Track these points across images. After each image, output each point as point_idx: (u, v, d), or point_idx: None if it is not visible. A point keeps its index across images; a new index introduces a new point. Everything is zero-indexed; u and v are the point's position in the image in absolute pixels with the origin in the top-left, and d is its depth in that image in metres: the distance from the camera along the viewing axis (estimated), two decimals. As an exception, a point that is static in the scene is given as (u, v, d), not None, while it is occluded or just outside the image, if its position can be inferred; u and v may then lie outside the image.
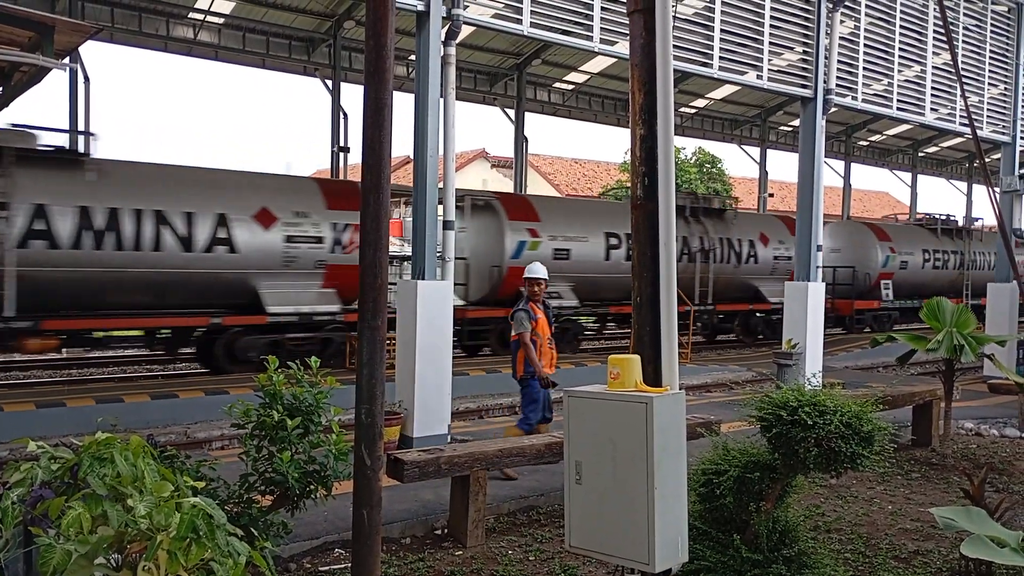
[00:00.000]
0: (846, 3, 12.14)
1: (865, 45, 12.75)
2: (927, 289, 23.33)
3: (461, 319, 15.02)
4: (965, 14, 13.86)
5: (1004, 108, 14.87)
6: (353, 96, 21.10)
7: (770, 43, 11.54)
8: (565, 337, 16.11)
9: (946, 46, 13.45)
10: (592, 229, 16.86)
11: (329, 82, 17.98)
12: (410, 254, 18.77)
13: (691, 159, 33.80)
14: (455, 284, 17.81)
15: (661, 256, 3.80)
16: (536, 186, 32.69)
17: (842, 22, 12.29)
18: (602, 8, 9.73)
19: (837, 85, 12.21)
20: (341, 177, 18.55)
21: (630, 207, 4.02)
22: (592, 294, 16.84)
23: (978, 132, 13.86)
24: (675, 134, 3.83)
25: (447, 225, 8.97)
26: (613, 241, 17.09)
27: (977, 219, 25.66)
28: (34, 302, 11.01)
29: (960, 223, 25.42)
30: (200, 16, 16.26)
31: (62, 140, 13.77)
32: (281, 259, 12.97)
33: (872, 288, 22.40)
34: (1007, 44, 14.75)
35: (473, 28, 10.94)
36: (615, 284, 16.77)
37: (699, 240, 18.54)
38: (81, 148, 12.65)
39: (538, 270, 7.80)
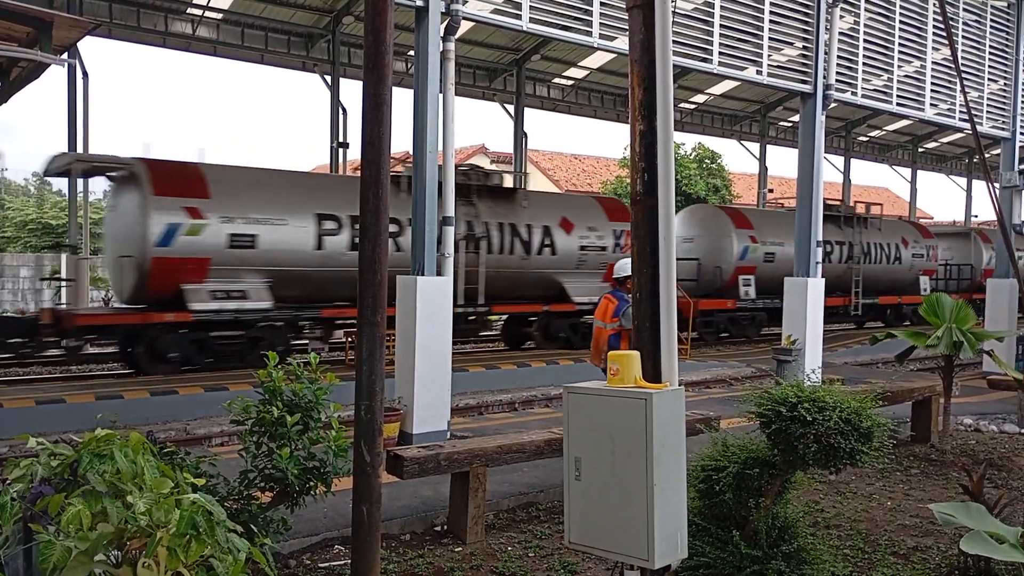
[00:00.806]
0: (846, -2, 12.13)
1: (865, 40, 12.73)
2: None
3: (69, 328, 12.24)
4: (965, 9, 13.84)
5: (1004, 104, 14.86)
6: (352, 92, 21.15)
7: (770, 39, 11.52)
8: (257, 348, 12.58)
9: (946, 41, 13.43)
10: (295, 209, 13.12)
11: (328, 78, 17.98)
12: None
13: (691, 155, 33.78)
14: (66, 280, 15.91)
15: (661, 251, 3.80)
16: (536, 182, 32.68)
17: (842, 17, 12.27)
18: (601, 3, 9.71)
19: (837, 80, 12.19)
20: (341, 173, 18.50)
21: (630, 202, 4.02)
22: (301, 294, 13.29)
23: (978, 128, 13.82)
24: (675, 130, 3.82)
25: (446, 221, 8.97)
26: (329, 225, 13.35)
27: (874, 204, 22.61)
28: None
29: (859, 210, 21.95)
30: (198, 11, 16.24)
31: None
32: None
33: (727, 285, 19.19)
34: (1007, 39, 14.73)
35: (472, 23, 10.90)
36: (334, 280, 13.23)
37: (465, 225, 14.66)
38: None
39: (629, 267, 7.97)
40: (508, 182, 16.88)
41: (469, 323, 15.76)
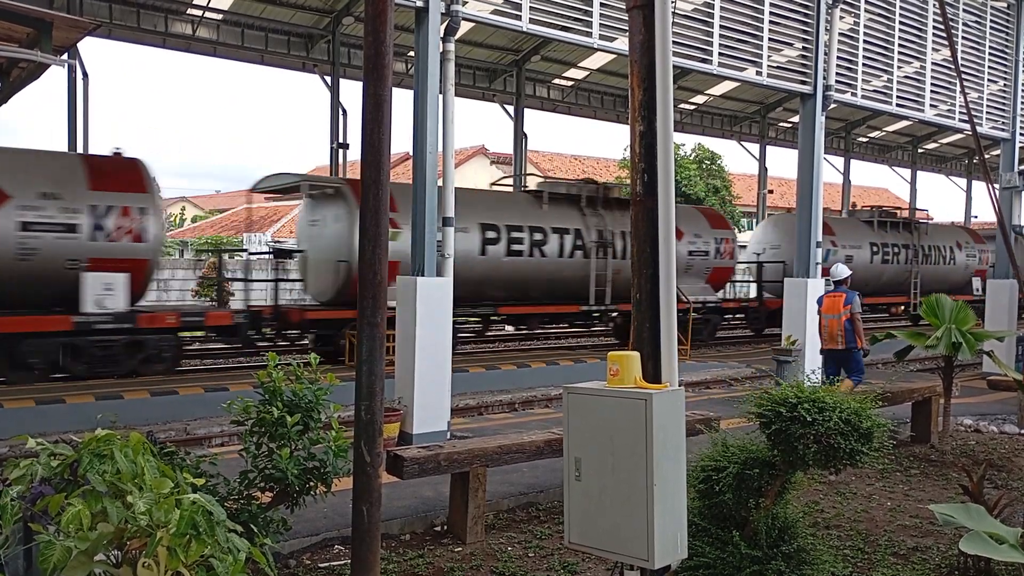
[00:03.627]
0: (846, -1, 12.14)
1: (865, 41, 12.74)
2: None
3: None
4: (964, 10, 13.85)
5: (1003, 104, 14.86)
6: (352, 92, 21.14)
7: (770, 39, 11.53)
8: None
9: (946, 42, 13.44)
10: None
11: (328, 78, 17.96)
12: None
13: (690, 155, 33.80)
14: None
15: (660, 253, 3.80)
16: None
17: (842, 18, 12.28)
18: (601, 4, 9.72)
19: (837, 81, 12.20)
20: (341, 174, 18.49)
21: (630, 203, 4.02)
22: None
23: (977, 128, 13.85)
24: (674, 130, 3.82)
25: (446, 221, 8.97)
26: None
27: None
28: None
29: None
30: (198, 12, 16.23)
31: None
32: None
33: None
34: (1006, 40, 14.74)
35: (472, 24, 10.91)
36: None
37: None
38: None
39: (845, 269, 10.55)
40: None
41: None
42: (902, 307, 23.45)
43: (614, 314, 17.52)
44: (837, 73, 12.20)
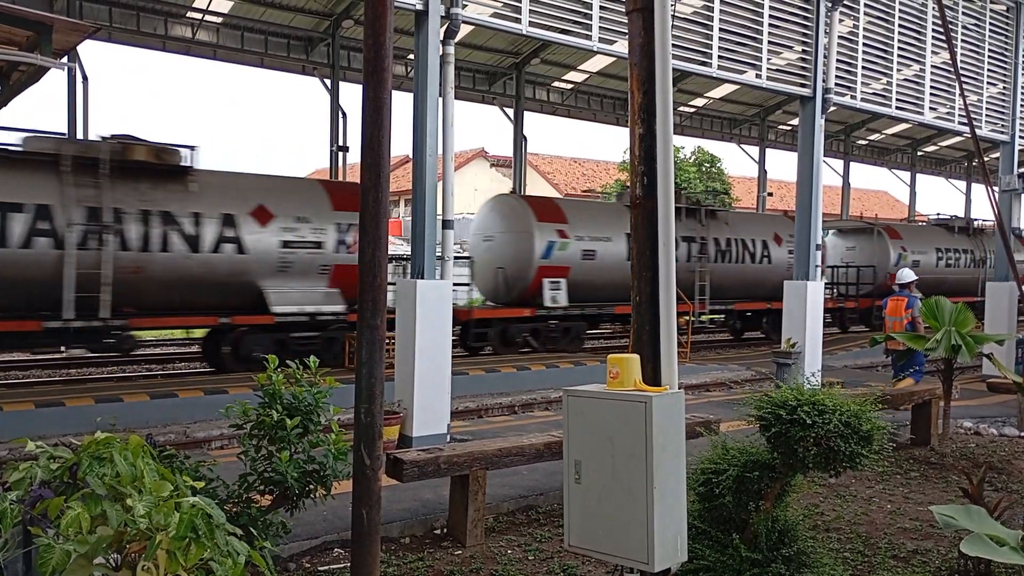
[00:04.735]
0: (845, 2, 12.14)
1: (864, 44, 12.76)
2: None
3: None
4: (964, 13, 13.87)
5: (1003, 107, 14.88)
6: (352, 95, 21.11)
7: (769, 42, 11.54)
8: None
9: (945, 45, 13.46)
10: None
11: (328, 81, 17.98)
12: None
13: (690, 158, 33.85)
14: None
15: (660, 255, 3.80)
16: (535, 185, 32.72)
17: (841, 21, 12.30)
18: (601, 7, 9.73)
19: (836, 84, 12.21)
20: (341, 177, 18.50)
21: (630, 205, 4.03)
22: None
23: (977, 131, 13.87)
24: (674, 133, 3.83)
25: (446, 224, 8.97)
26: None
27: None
28: None
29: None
30: (198, 15, 16.26)
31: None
32: None
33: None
34: (1006, 43, 14.76)
35: (472, 27, 10.94)
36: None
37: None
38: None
39: (910, 273, 11.31)
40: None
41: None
42: (684, 317, 16.81)
43: (124, 331, 11.97)
44: (837, 76, 12.22)
